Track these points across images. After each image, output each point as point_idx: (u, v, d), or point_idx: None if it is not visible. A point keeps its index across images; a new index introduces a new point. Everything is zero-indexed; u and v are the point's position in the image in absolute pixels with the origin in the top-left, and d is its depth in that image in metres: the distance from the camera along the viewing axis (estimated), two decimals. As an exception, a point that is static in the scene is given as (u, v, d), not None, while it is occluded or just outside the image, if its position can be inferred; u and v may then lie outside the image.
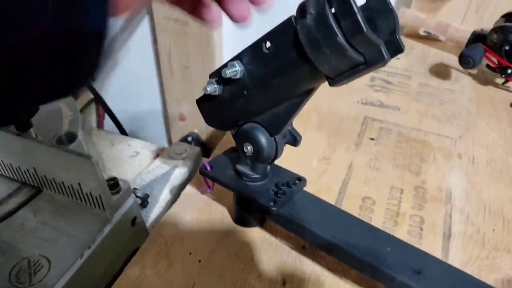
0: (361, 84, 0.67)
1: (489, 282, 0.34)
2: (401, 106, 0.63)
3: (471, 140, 0.57)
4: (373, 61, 0.25)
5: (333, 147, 0.54)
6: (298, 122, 0.44)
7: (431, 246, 0.42)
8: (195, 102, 0.38)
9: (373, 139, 0.56)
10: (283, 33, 0.28)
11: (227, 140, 0.53)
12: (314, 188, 0.44)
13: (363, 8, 0.26)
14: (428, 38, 0.80)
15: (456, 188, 0.49)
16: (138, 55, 1.15)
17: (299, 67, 0.29)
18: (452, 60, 0.73)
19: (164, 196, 0.60)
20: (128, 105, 1.19)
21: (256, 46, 0.30)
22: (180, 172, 0.63)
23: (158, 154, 0.70)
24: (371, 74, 0.69)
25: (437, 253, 0.41)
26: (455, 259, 0.41)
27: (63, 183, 0.45)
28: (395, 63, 0.73)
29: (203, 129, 1.17)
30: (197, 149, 0.69)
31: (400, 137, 0.56)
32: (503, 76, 0.63)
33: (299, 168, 0.41)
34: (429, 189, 0.49)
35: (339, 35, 0.24)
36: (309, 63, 0.27)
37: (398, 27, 0.26)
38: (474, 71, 0.70)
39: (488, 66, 0.66)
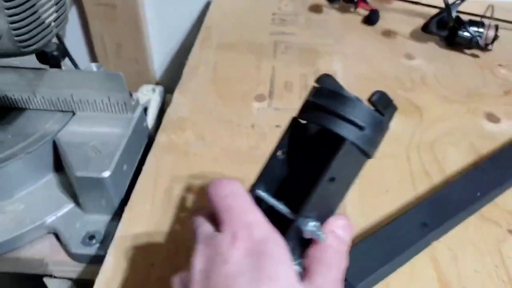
0: (266, 21, 0.97)
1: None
2: (296, 32, 0.94)
3: (342, 44, 0.90)
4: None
5: (259, 62, 0.83)
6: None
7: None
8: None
9: (283, 52, 0.86)
10: (345, 157, 0.30)
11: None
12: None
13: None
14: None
15: (338, 69, 0.81)
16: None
17: (359, 169, 0.33)
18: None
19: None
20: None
21: (324, 188, 0.30)
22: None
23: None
24: (271, 16, 0.99)
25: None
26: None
27: (95, 101, 0.66)
28: (287, 8, 1.04)
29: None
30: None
31: (300, 49, 0.87)
32: (354, 3, 0.98)
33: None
34: (322, 71, 0.80)
35: (388, 126, 0.32)
36: (366, 158, 0.32)
37: None
38: (337, 5, 1.04)
39: (344, 0, 1.00)
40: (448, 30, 0.86)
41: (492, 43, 0.83)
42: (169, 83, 1.02)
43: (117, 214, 0.58)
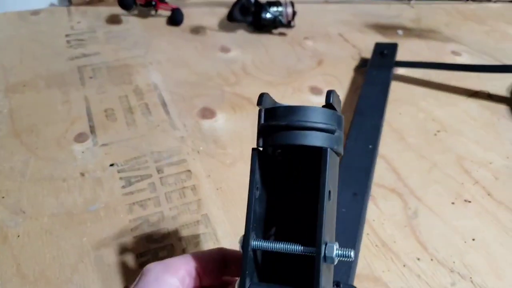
0: (60, 46, 0.83)
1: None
2: (99, 50, 0.83)
3: (154, 52, 0.83)
4: None
5: (66, 95, 0.71)
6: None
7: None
8: None
9: (91, 77, 0.75)
10: (330, 165, 0.28)
11: None
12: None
13: None
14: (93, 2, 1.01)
15: (158, 80, 0.75)
16: None
17: (337, 171, 0.31)
18: (118, 9, 0.97)
19: None
20: None
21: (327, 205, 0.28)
22: None
23: None
24: (65, 38, 0.86)
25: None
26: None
27: None
28: (80, 26, 0.91)
29: None
30: None
31: (109, 68, 0.77)
32: (153, 6, 0.92)
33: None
34: (142, 86, 0.73)
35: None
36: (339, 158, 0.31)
37: None
38: (135, 12, 0.96)
39: (141, 5, 0.93)
40: (251, 15, 0.87)
41: (293, 19, 0.88)
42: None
43: None
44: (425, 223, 0.52)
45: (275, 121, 0.29)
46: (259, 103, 0.30)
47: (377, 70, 0.76)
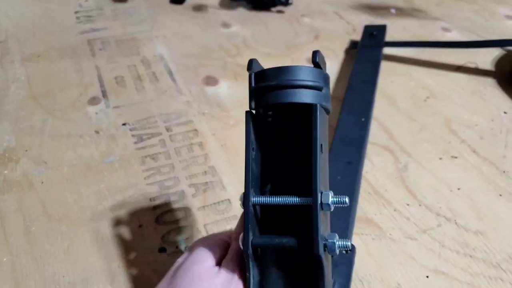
0: (70, 22, 0.87)
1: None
2: (107, 25, 0.87)
3: (159, 28, 0.87)
4: None
5: (78, 65, 0.75)
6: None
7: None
8: None
9: (101, 49, 0.79)
10: (321, 121, 0.30)
11: None
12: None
13: None
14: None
15: (164, 52, 0.79)
16: None
17: (327, 129, 0.32)
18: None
19: None
20: None
21: (320, 158, 0.29)
22: None
23: None
24: (74, 15, 0.90)
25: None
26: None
27: None
28: (88, 4, 0.95)
29: None
30: None
31: (117, 41, 0.82)
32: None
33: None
34: (149, 57, 0.77)
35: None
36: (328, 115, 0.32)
37: None
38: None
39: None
40: (252, -6, 0.91)
41: (291, -3, 0.92)
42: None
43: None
44: (415, 175, 0.57)
45: (265, 83, 0.30)
46: (249, 68, 0.31)
47: (368, 51, 0.79)
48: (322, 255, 0.28)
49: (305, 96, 0.29)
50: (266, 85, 0.30)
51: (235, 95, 0.70)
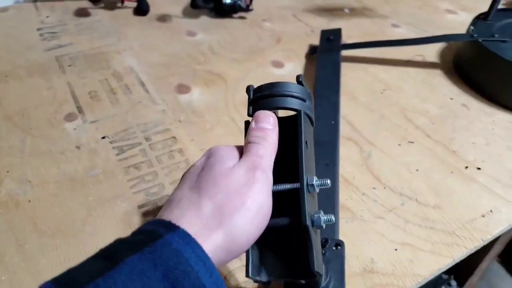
0: (34, 39, 0.88)
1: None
2: (72, 41, 0.88)
3: (126, 40, 0.89)
4: None
5: (49, 82, 0.76)
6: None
7: (138, 91, 0.74)
8: None
9: (70, 65, 0.81)
10: (305, 124, 0.37)
11: None
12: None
13: None
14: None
15: (134, 64, 0.82)
16: None
17: (312, 138, 0.40)
18: (84, 2, 1.02)
19: None
20: None
21: (304, 151, 0.36)
22: None
23: None
24: (37, 32, 0.90)
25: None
26: (152, 89, 0.74)
27: None
28: (50, 20, 0.96)
29: None
30: None
31: (86, 56, 0.83)
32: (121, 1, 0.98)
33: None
34: (119, 70, 0.79)
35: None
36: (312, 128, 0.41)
37: None
38: (102, 4, 1.02)
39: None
40: (213, 2, 0.95)
41: (251, 3, 0.97)
42: None
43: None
44: (378, 161, 0.63)
45: (261, 93, 0.38)
46: (248, 91, 0.40)
47: (327, 55, 0.83)
48: (310, 226, 0.33)
49: (293, 103, 0.38)
50: (261, 95, 0.38)
51: (208, 100, 0.74)
